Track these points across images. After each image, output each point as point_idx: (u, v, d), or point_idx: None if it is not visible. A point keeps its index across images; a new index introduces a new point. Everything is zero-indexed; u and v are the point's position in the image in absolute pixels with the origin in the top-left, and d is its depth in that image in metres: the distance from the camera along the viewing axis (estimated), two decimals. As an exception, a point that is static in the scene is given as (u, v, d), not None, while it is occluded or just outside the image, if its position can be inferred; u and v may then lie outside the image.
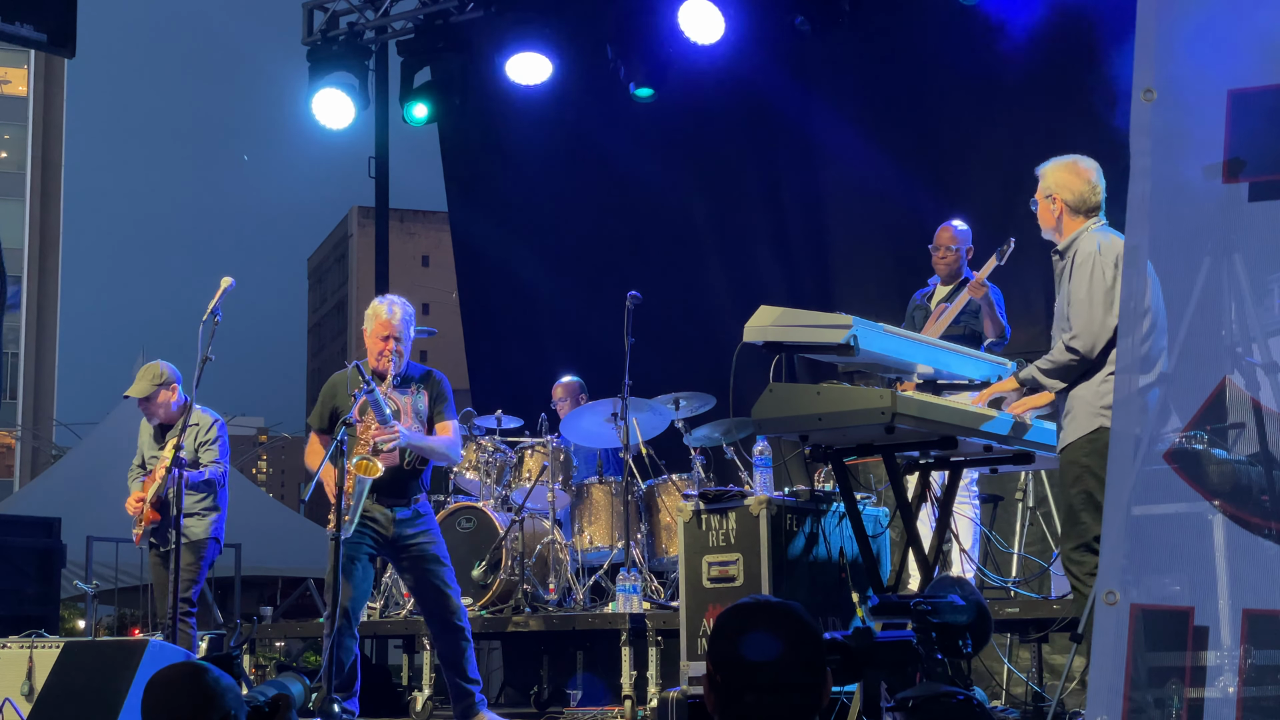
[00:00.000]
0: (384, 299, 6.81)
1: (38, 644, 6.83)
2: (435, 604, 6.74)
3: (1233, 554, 3.39)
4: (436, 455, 6.79)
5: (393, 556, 6.82)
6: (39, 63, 52.16)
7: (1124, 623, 3.31)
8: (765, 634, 2.65)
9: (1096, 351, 5.17)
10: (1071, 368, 5.24)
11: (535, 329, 12.16)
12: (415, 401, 6.76)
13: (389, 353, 6.66)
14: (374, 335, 6.73)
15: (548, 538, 8.84)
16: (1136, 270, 3.53)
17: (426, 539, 6.73)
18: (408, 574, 6.85)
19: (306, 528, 19.18)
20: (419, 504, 6.77)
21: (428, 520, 6.80)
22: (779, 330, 5.41)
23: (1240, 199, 3.44)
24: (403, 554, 6.73)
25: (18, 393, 50.31)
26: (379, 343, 6.70)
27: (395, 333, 6.68)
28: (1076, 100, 8.73)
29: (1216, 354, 3.49)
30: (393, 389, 6.69)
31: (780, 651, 2.64)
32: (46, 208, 52.79)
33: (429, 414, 6.79)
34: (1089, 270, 5.20)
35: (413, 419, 6.71)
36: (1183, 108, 3.52)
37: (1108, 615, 3.33)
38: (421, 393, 6.79)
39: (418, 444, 6.63)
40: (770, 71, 10.56)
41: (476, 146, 12.55)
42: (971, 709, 3.97)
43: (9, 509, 17.92)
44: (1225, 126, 3.47)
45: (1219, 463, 3.45)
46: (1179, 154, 3.53)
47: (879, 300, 9.39)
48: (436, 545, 6.76)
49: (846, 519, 6.32)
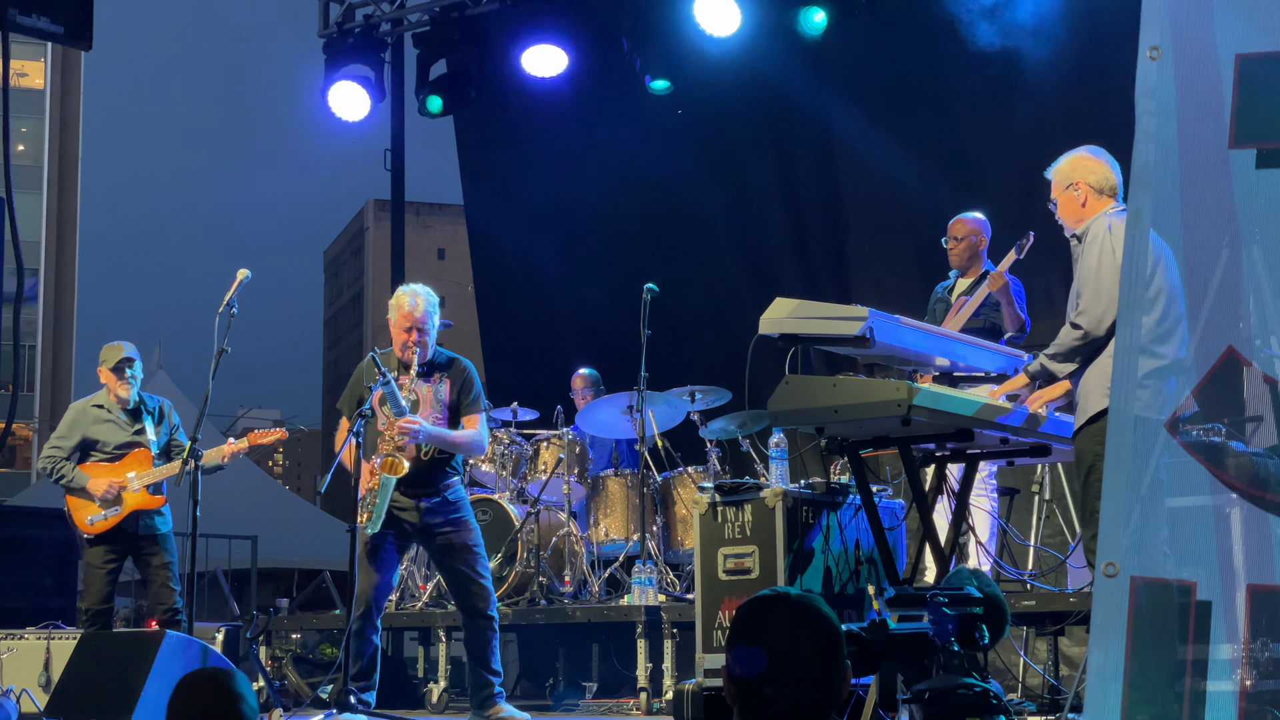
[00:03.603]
0: (407, 288, 6.75)
1: (54, 635, 6.86)
2: (464, 592, 6.70)
3: (1240, 532, 3.38)
4: (460, 448, 6.76)
5: (424, 544, 6.78)
6: (56, 56, 52.34)
7: (1124, 595, 3.29)
8: (785, 626, 2.65)
9: (1104, 328, 5.12)
10: (1078, 347, 5.21)
11: (551, 322, 12.16)
12: (437, 390, 6.71)
13: (412, 343, 6.62)
14: (397, 326, 6.68)
15: (563, 530, 8.84)
16: (1140, 232, 3.49)
17: (456, 527, 6.68)
18: (438, 561, 6.83)
19: (323, 520, 19.21)
20: (449, 491, 6.71)
21: (459, 507, 6.72)
22: (795, 322, 5.39)
23: (1248, 165, 3.41)
24: (433, 541, 6.70)
25: (35, 385, 50.51)
26: (402, 334, 6.65)
27: (419, 323, 6.63)
28: (1097, 91, 8.70)
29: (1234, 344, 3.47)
30: (416, 379, 6.66)
31: (800, 644, 2.63)
32: (64, 201, 52.97)
33: (456, 404, 6.74)
34: (1098, 248, 5.18)
35: (433, 408, 6.67)
36: (1190, 69, 3.48)
37: (1107, 587, 3.31)
38: (444, 381, 6.74)
39: (438, 438, 6.60)
40: (786, 63, 10.54)
41: (492, 139, 12.54)
42: (988, 701, 3.96)
43: (26, 501, 17.98)
44: (1233, 91, 3.44)
45: (1236, 455, 3.44)
46: (1184, 117, 3.49)
47: (895, 292, 9.36)
48: (468, 533, 6.70)
49: (862, 511, 6.31)
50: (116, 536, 7.95)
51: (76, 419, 8.14)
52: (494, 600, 6.74)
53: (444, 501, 6.68)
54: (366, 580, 6.56)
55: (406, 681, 9.37)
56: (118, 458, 7.99)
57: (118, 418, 8.06)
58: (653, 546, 8.53)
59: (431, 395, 6.69)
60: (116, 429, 8.05)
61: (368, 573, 6.56)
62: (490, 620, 6.69)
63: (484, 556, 6.77)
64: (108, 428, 8.05)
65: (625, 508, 8.85)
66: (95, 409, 8.11)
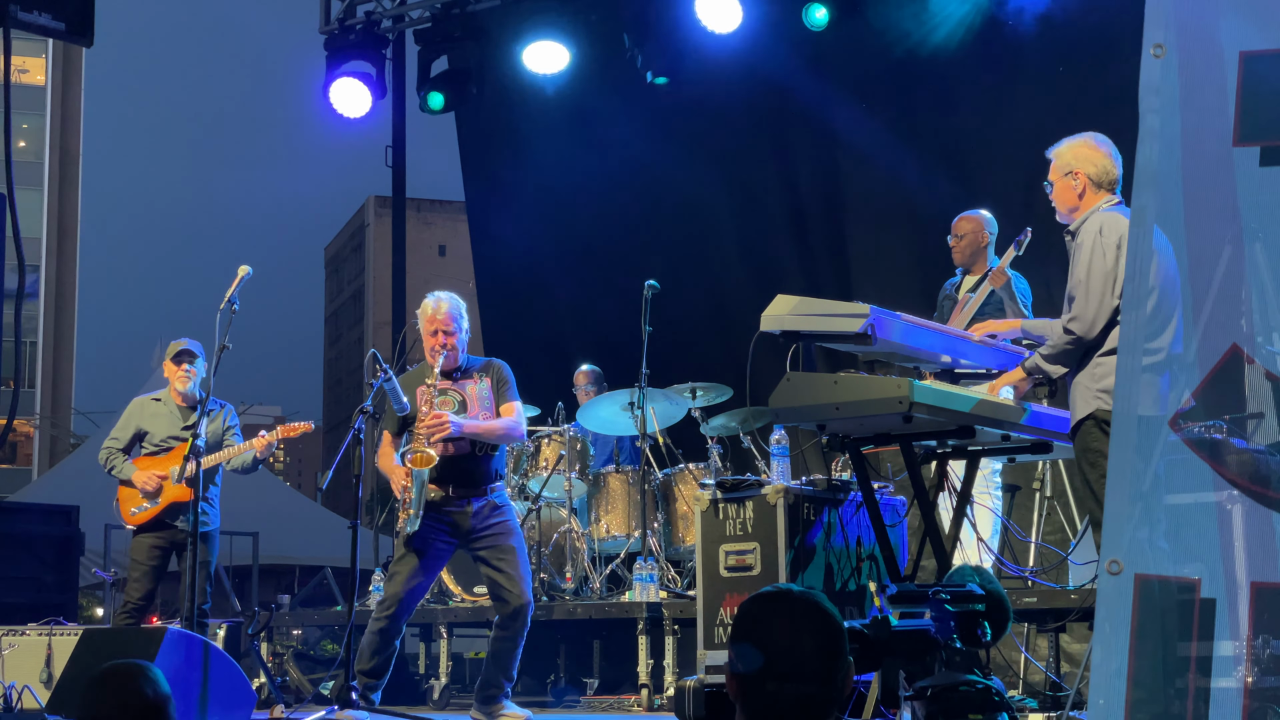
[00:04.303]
0: (432, 295, 6.82)
1: (56, 631, 6.85)
2: (503, 594, 6.62)
3: (1245, 529, 3.37)
4: (497, 436, 6.73)
5: (467, 547, 6.73)
6: (57, 52, 52.32)
7: (1128, 592, 3.28)
8: (787, 623, 2.65)
9: (1095, 333, 5.13)
10: (1070, 351, 5.22)
11: (552, 318, 12.15)
12: (480, 390, 6.75)
13: (439, 347, 6.66)
14: (425, 332, 6.75)
15: (564, 526, 8.85)
16: (1143, 231, 3.48)
17: (502, 530, 6.65)
18: (483, 563, 6.78)
19: (324, 516, 19.24)
20: (495, 494, 6.71)
21: (505, 511, 6.71)
22: (796, 319, 5.39)
23: (1252, 163, 3.40)
24: (477, 545, 6.65)
25: (36, 381, 50.52)
26: (430, 338, 6.71)
27: (445, 326, 6.68)
28: (1099, 86, 8.69)
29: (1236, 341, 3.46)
30: (454, 382, 6.70)
31: (802, 640, 2.64)
32: (64, 197, 52.97)
33: (498, 399, 6.80)
34: (1089, 251, 5.17)
35: (482, 406, 6.71)
36: (1194, 67, 3.47)
37: (1111, 585, 3.30)
38: (484, 380, 6.79)
39: (472, 429, 6.59)
40: (788, 60, 10.54)
41: (494, 135, 12.54)
42: (990, 697, 3.96)
43: (27, 497, 18.01)
44: (1237, 88, 3.43)
45: (1238, 452, 3.43)
46: (1188, 114, 3.48)
47: (897, 289, 9.35)
48: (512, 536, 6.67)
49: (864, 508, 6.31)
50: (162, 531, 7.94)
51: (133, 412, 8.23)
52: (531, 607, 6.62)
53: (490, 504, 6.67)
54: (406, 582, 6.54)
55: (408, 678, 9.38)
56: (165, 450, 8.00)
57: (172, 411, 8.10)
58: (654, 543, 8.54)
59: (477, 395, 6.73)
60: (168, 423, 8.08)
61: (409, 574, 6.54)
62: (522, 626, 6.60)
63: (526, 561, 6.72)
64: (160, 421, 8.10)
65: (626, 504, 8.85)
66: (153, 402, 8.20)
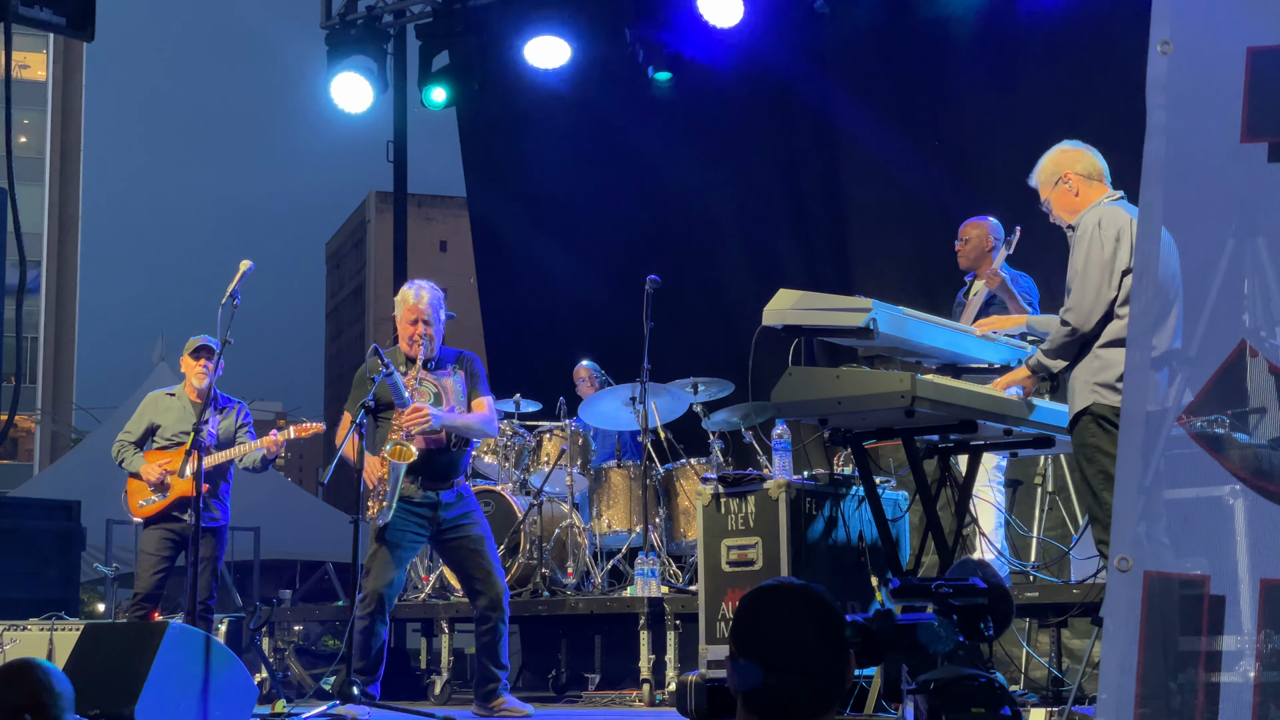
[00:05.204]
0: (411, 284, 6.84)
1: (58, 626, 6.87)
2: (478, 586, 6.70)
3: (1252, 524, 3.36)
4: (473, 432, 6.80)
5: (436, 541, 6.78)
6: (58, 47, 52.32)
7: (1137, 589, 3.27)
8: (789, 617, 2.65)
9: (1091, 324, 5.11)
10: (1068, 344, 5.20)
11: (553, 313, 12.15)
12: (455, 383, 6.78)
13: (418, 336, 6.69)
14: (403, 320, 6.77)
15: (566, 521, 8.84)
16: (1151, 228, 3.47)
17: (470, 520, 6.73)
18: (452, 556, 6.82)
19: (325, 511, 19.21)
20: (460, 486, 6.77)
21: (469, 502, 6.80)
22: (798, 314, 5.38)
23: (1259, 159, 3.39)
24: (447, 537, 6.71)
25: (37, 377, 50.55)
26: (408, 327, 6.73)
27: (423, 315, 6.70)
28: (1101, 82, 8.68)
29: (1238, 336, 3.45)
30: (430, 373, 6.71)
31: (804, 634, 2.63)
32: (65, 192, 52.99)
33: (469, 393, 6.82)
34: (1087, 243, 5.16)
35: (456, 400, 6.74)
36: (1201, 63, 3.46)
37: (1120, 582, 3.29)
38: (459, 373, 6.82)
39: (451, 423, 6.63)
40: (789, 55, 10.53)
41: (495, 131, 12.53)
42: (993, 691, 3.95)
43: (29, 492, 17.99)
44: (1244, 84, 3.41)
45: (1241, 446, 3.43)
46: (1196, 111, 3.47)
47: (898, 284, 9.36)
48: (480, 526, 6.76)
49: (866, 503, 6.31)
50: (172, 524, 7.93)
51: (146, 406, 8.21)
52: (506, 594, 6.76)
53: (459, 496, 6.74)
54: (381, 576, 6.55)
55: (409, 673, 9.38)
56: (175, 445, 7.98)
57: (185, 406, 8.06)
58: (655, 538, 8.54)
59: (452, 388, 6.75)
60: (180, 417, 8.03)
61: (384, 567, 6.56)
62: (502, 615, 6.70)
63: (495, 551, 6.81)
64: (172, 415, 8.06)
65: (628, 499, 8.85)
66: (167, 396, 8.17)
